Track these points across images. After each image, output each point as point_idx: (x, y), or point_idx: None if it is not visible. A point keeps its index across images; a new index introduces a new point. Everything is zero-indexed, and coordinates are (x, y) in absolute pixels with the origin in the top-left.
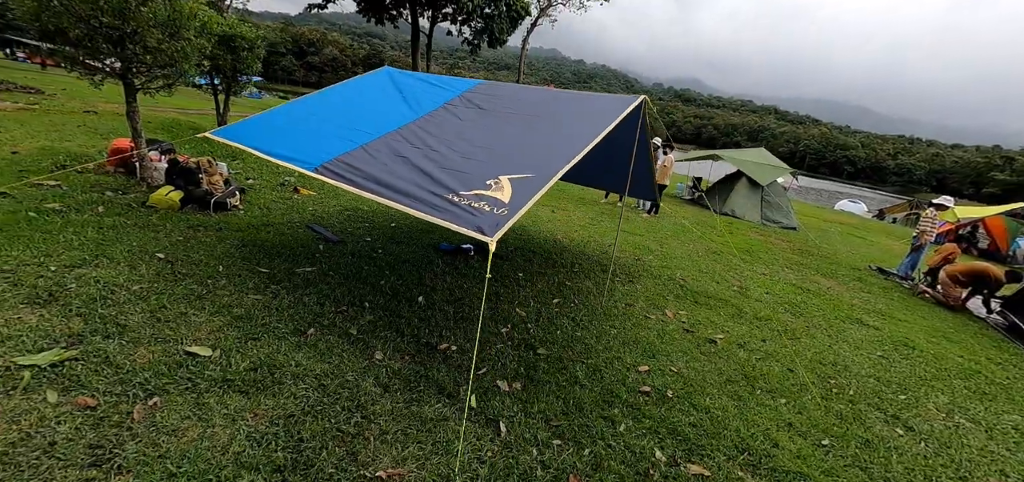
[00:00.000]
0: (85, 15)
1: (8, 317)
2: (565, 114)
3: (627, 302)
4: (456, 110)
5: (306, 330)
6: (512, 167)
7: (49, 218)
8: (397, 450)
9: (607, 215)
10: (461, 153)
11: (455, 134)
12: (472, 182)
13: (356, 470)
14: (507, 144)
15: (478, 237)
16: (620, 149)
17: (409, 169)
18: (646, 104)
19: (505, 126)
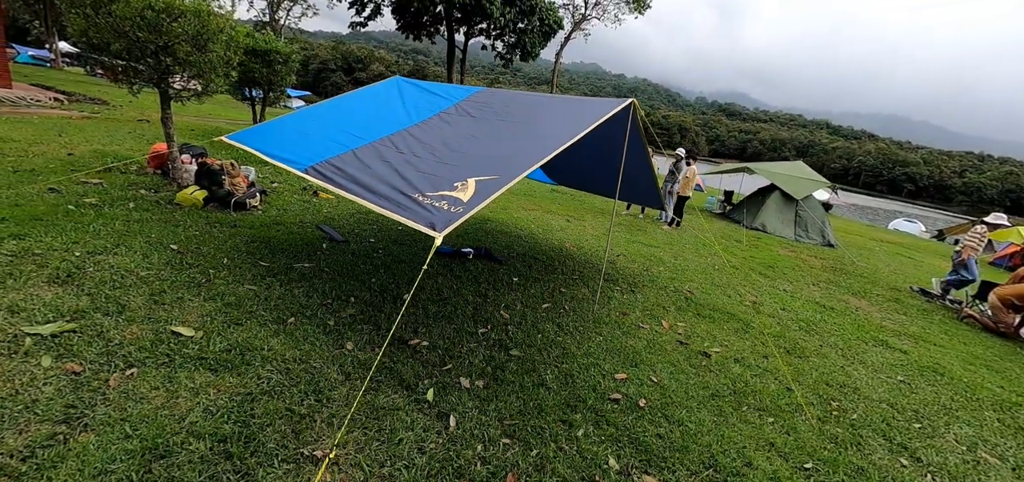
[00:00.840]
0: (124, 30)
1: (28, 293)
2: (549, 117)
3: (622, 311)
4: (448, 117)
5: (287, 319)
6: (482, 169)
7: (85, 211)
8: (342, 433)
9: (625, 226)
10: (440, 158)
11: (440, 140)
12: (440, 184)
13: (296, 448)
14: (484, 147)
15: (428, 231)
16: (616, 153)
17: (388, 171)
18: (635, 107)
19: (488, 131)
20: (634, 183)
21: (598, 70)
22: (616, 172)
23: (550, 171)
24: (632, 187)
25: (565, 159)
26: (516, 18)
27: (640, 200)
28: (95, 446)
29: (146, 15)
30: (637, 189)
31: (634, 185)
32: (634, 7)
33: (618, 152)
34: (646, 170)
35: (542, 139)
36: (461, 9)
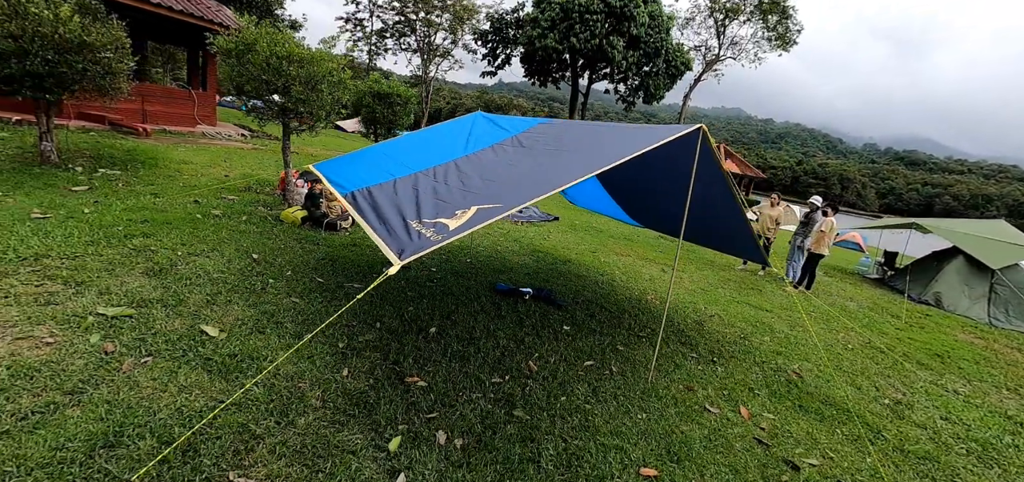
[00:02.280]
0: (256, 75)
1: (123, 279)
2: (598, 144)
3: (687, 384)
4: (500, 148)
5: (306, 334)
6: (491, 197)
7: (208, 220)
8: (280, 465)
9: (735, 283)
10: (467, 186)
11: (478, 170)
12: (444, 211)
13: (230, 470)
14: (512, 176)
15: (392, 258)
16: (698, 191)
17: (408, 199)
18: (704, 133)
19: (529, 160)
20: (717, 228)
21: (741, 114)
22: (702, 217)
23: (630, 210)
24: (716, 233)
25: (640, 197)
26: (640, 61)
27: (734, 250)
28: (72, 421)
29: (271, 61)
30: (724, 235)
31: (718, 230)
32: (777, 44)
33: (699, 189)
34: (732, 213)
35: (570, 167)
36: (584, 55)
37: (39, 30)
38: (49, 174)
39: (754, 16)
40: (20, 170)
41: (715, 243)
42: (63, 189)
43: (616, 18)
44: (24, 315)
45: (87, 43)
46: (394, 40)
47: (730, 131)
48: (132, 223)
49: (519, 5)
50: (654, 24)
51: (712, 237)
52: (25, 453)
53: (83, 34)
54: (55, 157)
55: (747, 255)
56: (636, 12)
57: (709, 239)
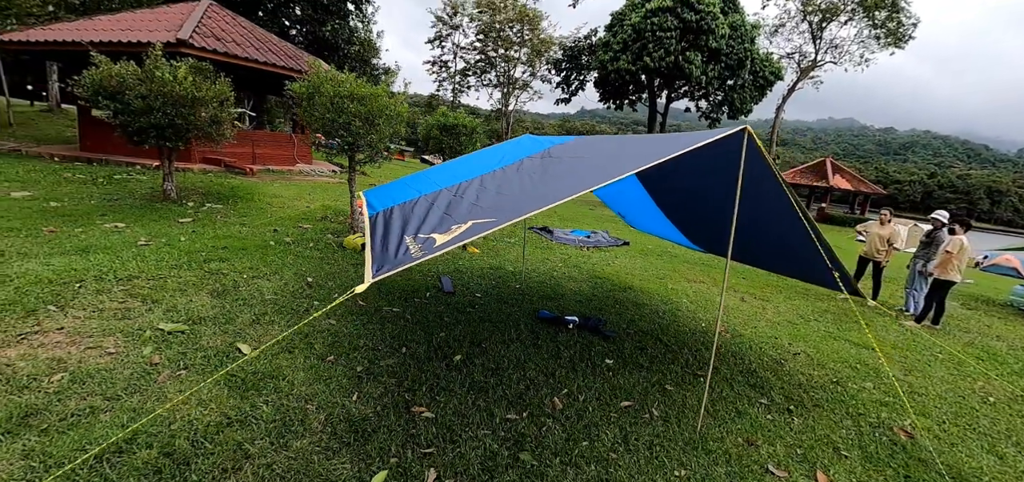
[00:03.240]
0: (321, 115)
1: (191, 297)
2: (623, 153)
3: (748, 437)
4: (528, 163)
5: (329, 356)
6: (493, 209)
7: (279, 247)
8: None
9: (834, 316)
10: (478, 201)
11: (498, 185)
12: (444, 225)
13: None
14: (522, 188)
15: (367, 274)
16: (763, 208)
17: (420, 214)
18: (749, 134)
19: (546, 174)
20: (783, 248)
21: (854, 125)
22: (762, 236)
23: (689, 233)
24: (782, 253)
25: (699, 219)
26: (722, 74)
27: (810, 276)
28: (100, 426)
29: (334, 101)
30: (792, 257)
31: (783, 250)
32: (888, 41)
33: (751, 204)
34: (795, 230)
35: (583, 178)
36: (659, 74)
37: (162, 90)
38: (166, 208)
39: (857, 14)
40: (146, 205)
41: (783, 266)
42: (172, 221)
43: (693, 33)
44: (101, 327)
45: (198, 98)
46: (476, 77)
47: (841, 144)
48: (214, 250)
49: (592, 32)
50: (736, 35)
51: (778, 259)
52: (51, 450)
53: (194, 90)
54: (174, 194)
55: (822, 281)
56: (714, 24)
57: (775, 261)
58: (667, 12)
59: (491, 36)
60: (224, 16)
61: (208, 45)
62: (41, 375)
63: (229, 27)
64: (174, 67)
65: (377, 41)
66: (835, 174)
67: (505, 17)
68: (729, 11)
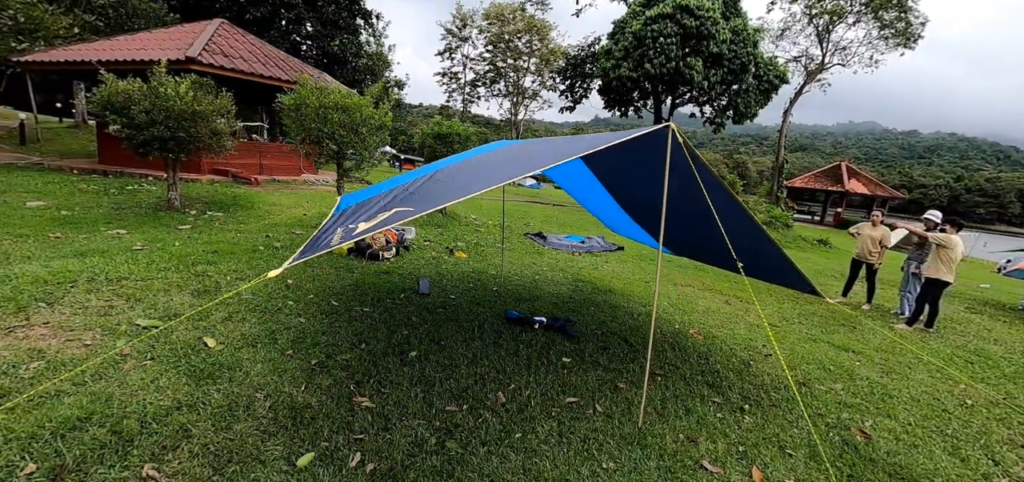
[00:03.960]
0: (307, 125)
1: (173, 297)
2: (553, 150)
3: (690, 434)
4: (473, 161)
5: (288, 351)
6: (415, 200)
7: (267, 251)
8: (192, 465)
9: (820, 319)
10: (415, 192)
11: (444, 178)
12: (372, 214)
13: (148, 463)
14: (454, 182)
15: (285, 263)
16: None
17: (363, 210)
18: (674, 132)
19: (482, 170)
20: (739, 243)
21: (875, 128)
22: (711, 235)
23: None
24: (743, 251)
25: (670, 223)
26: (725, 79)
27: (767, 275)
28: (62, 407)
29: (320, 112)
30: (748, 252)
31: (743, 247)
32: (898, 41)
33: (686, 203)
34: (745, 226)
35: (500, 172)
36: (661, 81)
37: (165, 105)
38: (169, 216)
39: (864, 15)
40: (150, 214)
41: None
42: (172, 228)
43: (694, 39)
44: (83, 323)
45: (198, 112)
46: (486, 88)
47: (862, 148)
48: (205, 254)
49: (596, 39)
50: (738, 40)
51: (732, 258)
52: (16, 427)
53: (194, 104)
54: (178, 203)
55: (782, 280)
56: (714, 30)
57: (730, 261)
58: (667, 18)
59: (500, 47)
60: (234, 34)
61: (215, 61)
62: (20, 363)
63: (237, 44)
64: (177, 83)
65: (389, 54)
66: (851, 178)
67: (514, 28)
68: (731, 16)
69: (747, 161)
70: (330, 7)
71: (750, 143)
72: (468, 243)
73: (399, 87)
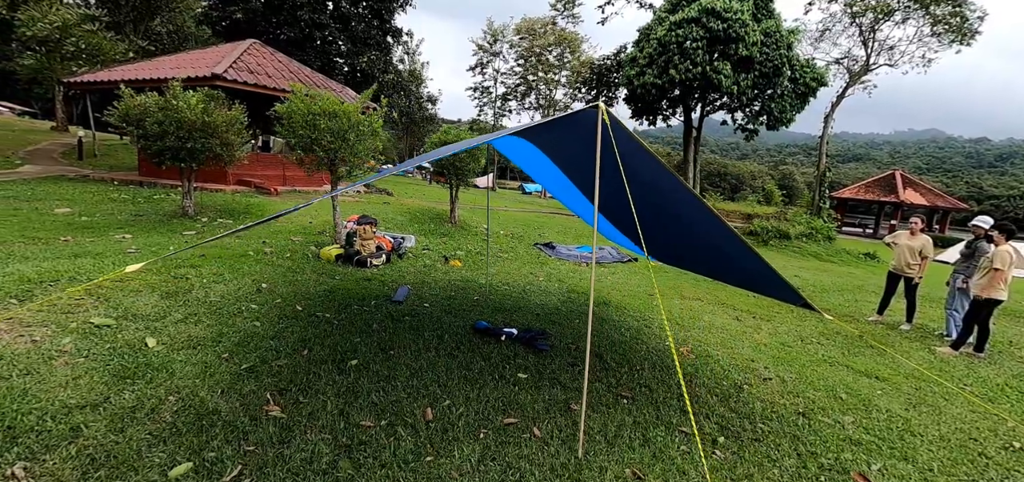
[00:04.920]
0: (298, 132)
1: (142, 298)
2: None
3: (636, 472)
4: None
5: (224, 354)
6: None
7: (256, 256)
8: (66, 467)
9: (844, 341)
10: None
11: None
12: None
13: (24, 461)
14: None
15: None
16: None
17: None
18: (601, 111)
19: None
20: (707, 247)
21: (938, 135)
22: (674, 231)
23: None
24: (706, 253)
25: (650, 229)
26: (757, 83)
27: (749, 283)
28: None
29: (307, 118)
30: (715, 255)
31: (706, 249)
32: (953, 37)
33: (646, 193)
34: (704, 219)
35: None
36: (688, 87)
37: (176, 116)
38: (180, 223)
39: (913, 12)
40: (163, 221)
41: (712, 269)
42: (177, 233)
43: (721, 42)
44: (42, 319)
45: (207, 123)
46: (517, 101)
47: (923, 157)
48: (193, 258)
49: (621, 48)
50: (770, 41)
51: (704, 260)
52: None
53: (204, 115)
54: (192, 211)
55: (767, 291)
56: (743, 32)
57: (702, 264)
58: (693, 22)
59: (531, 61)
60: (263, 52)
61: (240, 77)
62: None
63: (265, 62)
64: (188, 95)
65: (422, 70)
66: (906, 188)
67: (544, 42)
68: (762, 18)
69: (794, 171)
70: (360, 25)
71: (797, 153)
72: (469, 252)
73: (432, 102)
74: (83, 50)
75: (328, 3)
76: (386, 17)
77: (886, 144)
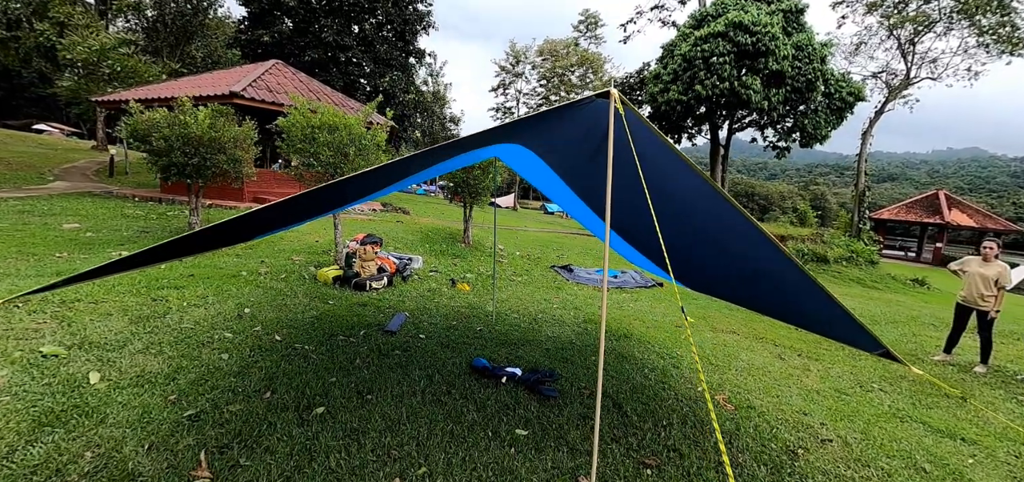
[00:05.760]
0: (296, 146)
1: (107, 322)
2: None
3: None
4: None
5: (173, 393)
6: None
7: (249, 277)
8: None
9: (912, 387)
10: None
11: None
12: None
13: None
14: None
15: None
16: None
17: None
18: (614, 98)
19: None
20: (750, 273)
21: (980, 155)
22: (731, 262)
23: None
24: (753, 284)
25: (682, 251)
26: (788, 98)
27: (800, 318)
28: None
29: (307, 132)
30: (759, 281)
31: (751, 278)
32: (1002, 48)
33: (692, 206)
34: (752, 244)
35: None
36: (714, 102)
37: (183, 131)
38: None
39: (956, 23)
40: (167, 237)
41: (755, 299)
42: None
43: (750, 57)
44: None
45: (215, 138)
46: None
47: (964, 177)
48: (182, 277)
49: (645, 65)
50: (802, 55)
51: (741, 285)
52: None
53: (211, 131)
54: (198, 227)
55: (827, 329)
56: (773, 45)
57: (743, 292)
58: (719, 37)
59: (553, 81)
60: (284, 72)
61: (258, 95)
62: None
63: (285, 81)
64: (196, 111)
65: (445, 92)
66: (951, 208)
67: (567, 62)
68: (793, 31)
69: (826, 192)
70: (383, 47)
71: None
72: (479, 275)
73: (454, 123)
74: (119, 72)
75: (354, 26)
76: (409, 39)
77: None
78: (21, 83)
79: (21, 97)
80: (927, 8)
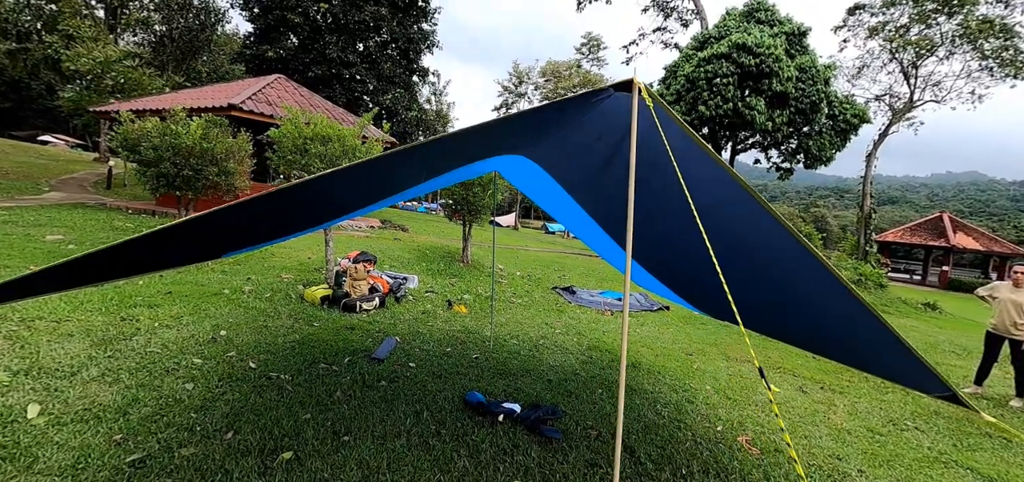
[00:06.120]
0: (285, 157)
1: (65, 344)
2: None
3: None
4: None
5: (116, 435)
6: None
7: (230, 295)
8: None
9: (952, 423)
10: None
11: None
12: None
13: None
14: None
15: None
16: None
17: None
18: (640, 89)
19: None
20: (791, 301)
21: (979, 178)
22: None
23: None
24: (793, 315)
25: (674, 268)
26: (792, 120)
27: (844, 354)
28: None
29: (297, 143)
30: (812, 322)
31: (791, 307)
32: (1006, 71)
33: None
34: (800, 266)
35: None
36: (718, 123)
37: (173, 141)
38: None
39: (959, 47)
40: None
41: (798, 334)
42: None
43: (753, 78)
44: None
45: (206, 149)
46: None
47: (964, 201)
48: (157, 294)
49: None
50: (806, 77)
51: (784, 317)
52: None
53: (203, 142)
54: None
55: (877, 368)
56: (777, 67)
57: (781, 324)
58: (723, 58)
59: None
60: (286, 87)
61: (257, 108)
62: None
63: (286, 95)
64: (188, 121)
65: (448, 111)
66: (957, 231)
67: (569, 83)
68: (796, 53)
69: (826, 214)
70: (387, 64)
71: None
72: (478, 296)
73: None
74: (122, 84)
75: (359, 44)
76: (413, 57)
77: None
78: (29, 95)
79: (29, 109)
80: (929, 33)
